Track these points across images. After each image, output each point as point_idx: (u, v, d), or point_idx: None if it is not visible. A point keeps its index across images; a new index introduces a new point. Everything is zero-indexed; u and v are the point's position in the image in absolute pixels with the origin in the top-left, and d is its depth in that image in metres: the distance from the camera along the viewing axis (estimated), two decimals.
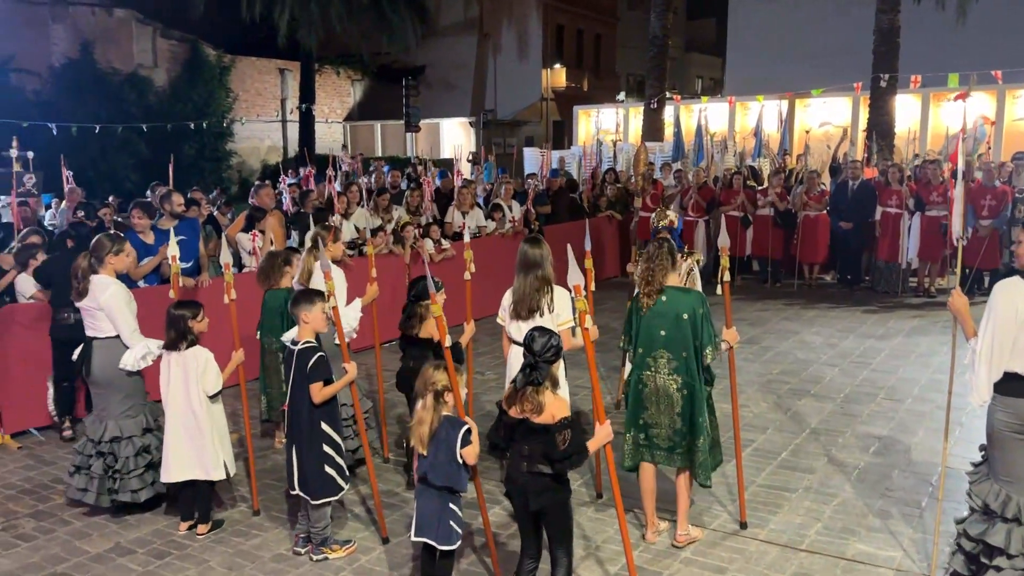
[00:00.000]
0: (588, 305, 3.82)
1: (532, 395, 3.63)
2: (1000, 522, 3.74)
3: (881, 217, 11.75)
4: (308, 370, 4.45)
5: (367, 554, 4.73)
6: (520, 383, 3.65)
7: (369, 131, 34.21)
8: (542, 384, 3.64)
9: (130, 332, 5.09)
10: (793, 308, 11.11)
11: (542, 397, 3.63)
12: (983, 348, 3.68)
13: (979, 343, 3.70)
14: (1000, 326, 3.63)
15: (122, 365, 5.04)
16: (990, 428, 3.82)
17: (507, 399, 3.75)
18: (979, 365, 3.70)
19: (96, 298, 5.07)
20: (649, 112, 20.06)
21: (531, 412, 3.62)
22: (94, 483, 5.10)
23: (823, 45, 21.14)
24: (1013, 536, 3.69)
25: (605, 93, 32.28)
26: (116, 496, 5.12)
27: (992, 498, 3.78)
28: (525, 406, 3.63)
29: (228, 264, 5.13)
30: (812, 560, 4.57)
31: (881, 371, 8.12)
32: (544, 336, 3.66)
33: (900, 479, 5.61)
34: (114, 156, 21.98)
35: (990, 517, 3.80)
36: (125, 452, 5.11)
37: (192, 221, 7.97)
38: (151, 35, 26.10)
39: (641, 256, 4.66)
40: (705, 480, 4.59)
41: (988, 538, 3.75)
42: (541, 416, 3.61)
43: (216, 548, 4.84)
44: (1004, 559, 3.71)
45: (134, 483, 5.13)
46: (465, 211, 10.90)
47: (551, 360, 3.66)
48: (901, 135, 15.96)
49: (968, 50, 17.89)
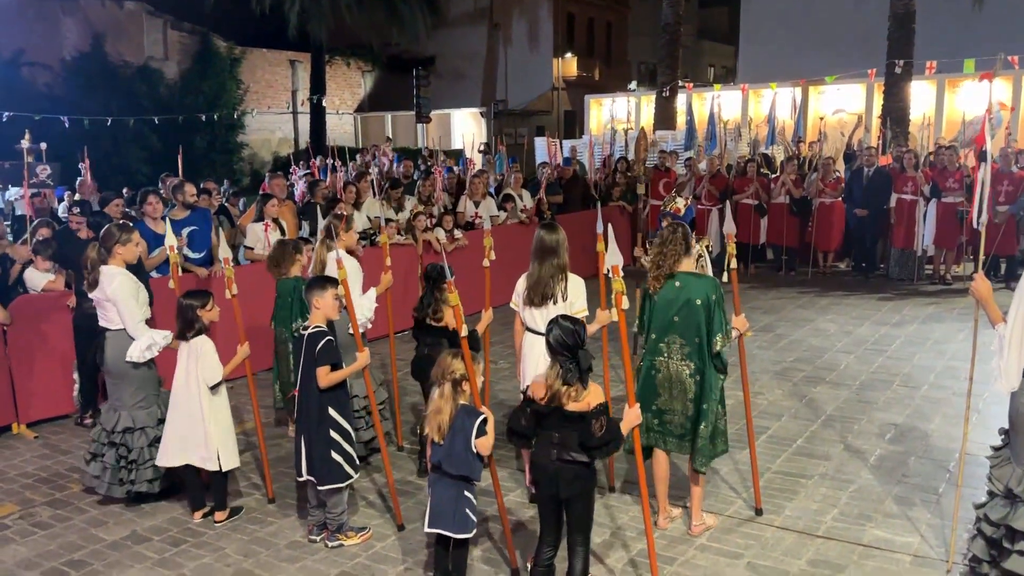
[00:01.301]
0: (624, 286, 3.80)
1: (575, 390, 3.57)
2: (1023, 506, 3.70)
3: (896, 204, 11.64)
4: (316, 354, 4.44)
5: (382, 541, 4.73)
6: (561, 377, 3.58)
7: (380, 122, 34.19)
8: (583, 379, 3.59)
9: (135, 323, 5.09)
10: (808, 296, 11.04)
11: (584, 389, 3.59)
12: (1014, 333, 3.61)
13: (1008, 328, 3.64)
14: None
15: (128, 356, 5.05)
16: (1014, 412, 3.77)
17: (535, 388, 3.71)
18: (1009, 351, 3.63)
19: (104, 289, 5.09)
20: (661, 100, 19.97)
21: (564, 401, 3.58)
22: (107, 473, 5.13)
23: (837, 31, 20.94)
24: None
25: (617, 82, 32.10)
26: (133, 487, 5.15)
27: (1015, 482, 3.74)
28: (560, 397, 3.58)
29: (227, 259, 5.14)
30: (828, 546, 4.54)
31: (897, 358, 8.06)
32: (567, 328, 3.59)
33: (917, 465, 5.56)
34: (126, 149, 22.06)
35: (1012, 501, 3.75)
36: (139, 443, 5.13)
37: (204, 211, 7.99)
38: (162, 27, 26.15)
39: (654, 240, 4.61)
40: (701, 466, 4.56)
41: (1013, 522, 3.71)
42: (577, 404, 3.59)
43: (232, 536, 4.86)
44: None
45: (149, 473, 5.16)
46: (477, 201, 10.89)
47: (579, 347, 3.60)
48: (916, 122, 15.81)
49: (984, 36, 17.66)
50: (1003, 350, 3.66)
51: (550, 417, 3.63)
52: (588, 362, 3.61)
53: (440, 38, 30.92)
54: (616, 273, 3.72)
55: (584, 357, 3.59)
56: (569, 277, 4.99)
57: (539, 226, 5.14)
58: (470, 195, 10.96)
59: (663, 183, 13.36)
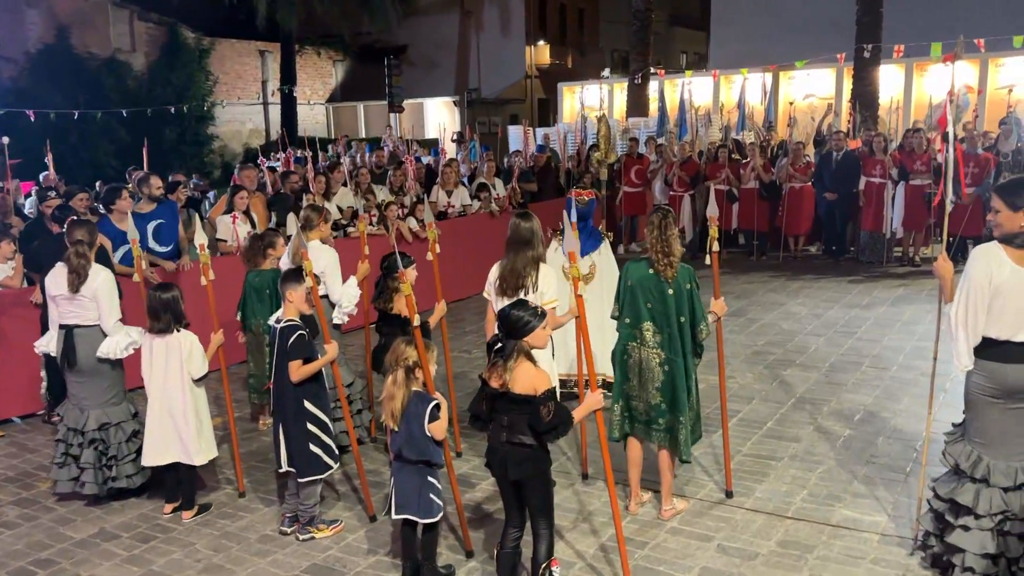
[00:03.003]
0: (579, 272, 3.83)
1: (501, 367, 3.62)
2: (969, 482, 3.78)
3: (865, 187, 11.75)
4: (288, 348, 4.42)
5: (354, 532, 4.72)
6: (494, 358, 3.67)
7: (352, 112, 33.92)
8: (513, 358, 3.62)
9: (114, 321, 5.05)
10: (779, 280, 11.13)
11: (510, 368, 3.61)
12: (959, 313, 3.68)
13: (954, 308, 3.70)
14: (975, 291, 3.63)
15: (103, 354, 4.98)
16: (966, 390, 3.86)
17: (488, 372, 3.74)
18: (957, 331, 3.70)
19: (89, 285, 5.01)
20: (633, 87, 19.97)
21: (501, 383, 3.61)
22: (89, 473, 5.05)
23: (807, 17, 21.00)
24: (981, 496, 3.72)
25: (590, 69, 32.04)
26: (114, 483, 5.09)
27: (964, 458, 3.82)
28: (498, 379, 3.63)
29: (203, 245, 5.08)
30: (798, 527, 4.59)
31: (866, 340, 8.15)
32: (517, 311, 3.65)
33: (885, 446, 5.64)
34: (94, 142, 21.71)
35: (960, 477, 3.83)
36: (117, 438, 5.09)
37: (171, 204, 7.89)
38: (128, 18, 25.70)
39: (648, 228, 4.56)
40: (687, 456, 4.59)
41: (956, 496, 3.79)
42: (521, 387, 3.60)
43: (202, 531, 4.82)
44: (971, 518, 3.74)
45: (129, 468, 5.12)
46: (450, 190, 10.85)
47: (521, 336, 3.64)
48: (885, 105, 15.94)
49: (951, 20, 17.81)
50: (951, 330, 3.72)
51: (500, 400, 3.67)
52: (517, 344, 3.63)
53: (412, 26, 30.67)
54: (573, 259, 3.73)
55: (510, 344, 3.62)
56: (541, 267, 4.99)
57: (514, 214, 5.13)
58: (442, 184, 10.92)
59: (635, 170, 13.39)
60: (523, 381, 3.61)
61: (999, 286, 3.58)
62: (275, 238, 6.25)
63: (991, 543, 3.69)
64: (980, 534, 3.71)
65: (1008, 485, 3.69)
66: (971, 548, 3.71)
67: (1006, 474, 3.70)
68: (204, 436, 4.95)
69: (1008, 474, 3.70)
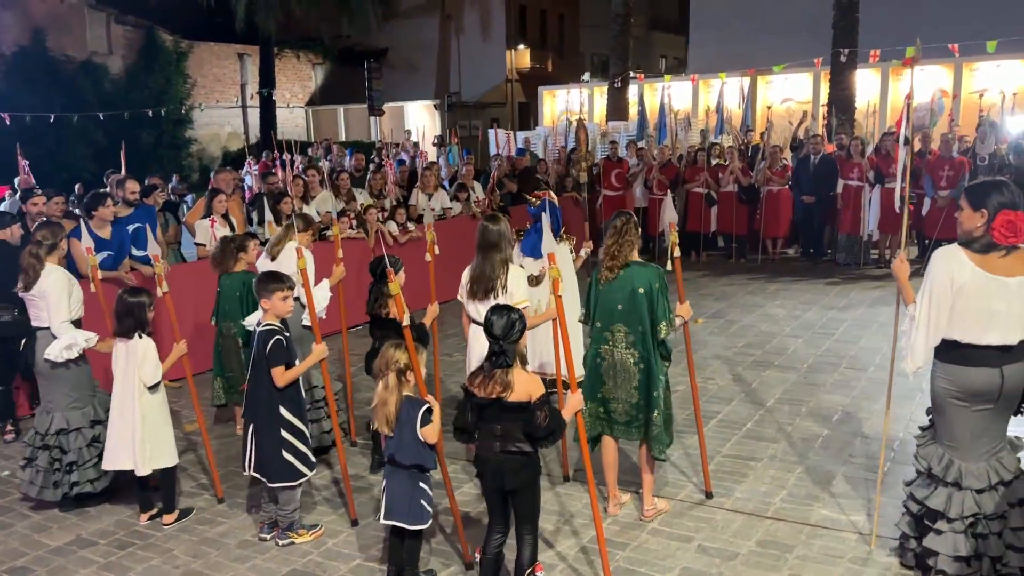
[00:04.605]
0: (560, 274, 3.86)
1: (501, 376, 3.59)
2: (941, 486, 3.81)
3: (842, 190, 11.87)
4: (267, 354, 4.38)
5: (334, 537, 4.70)
6: (487, 368, 3.63)
7: (332, 115, 33.80)
8: (511, 366, 3.62)
9: (60, 321, 4.99)
10: (757, 282, 11.21)
11: (511, 377, 3.60)
12: (921, 314, 3.71)
13: (917, 309, 3.74)
14: (937, 293, 3.66)
15: (46, 356, 4.94)
16: (933, 394, 3.89)
17: (473, 380, 3.72)
18: (917, 331, 3.73)
19: (40, 284, 5.00)
20: (613, 92, 20.04)
21: (501, 392, 3.59)
22: (39, 476, 5.01)
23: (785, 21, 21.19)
24: (953, 500, 3.75)
25: (570, 73, 32.16)
26: (73, 489, 5.03)
27: (936, 461, 3.85)
28: (495, 387, 3.59)
29: (157, 256, 5.09)
30: (777, 527, 4.62)
31: (844, 341, 8.23)
32: (503, 317, 3.61)
33: (862, 446, 5.69)
34: (70, 146, 21.48)
35: (933, 481, 3.86)
36: (76, 444, 5.03)
37: (149, 208, 7.83)
38: (105, 21, 25.46)
39: (607, 230, 4.60)
40: (659, 453, 4.61)
41: (928, 502, 3.83)
42: (516, 394, 3.59)
43: (180, 537, 4.78)
44: (944, 522, 3.77)
45: (91, 472, 5.06)
46: (430, 193, 10.84)
47: (516, 339, 3.63)
48: (861, 109, 16.11)
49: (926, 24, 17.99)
50: (911, 329, 3.76)
51: (490, 409, 3.64)
52: (514, 351, 3.63)
53: (392, 30, 30.63)
54: (552, 261, 3.75)
55: (511, 349, 3.61)
56: (510, 269, 5.00)
57: (483, 218, 5.17)
58: (422, 188, 10.91)
59: (615, 173, 13.45)
60: (519, 388, 3.60)
61: (961, 287, 3.61)
62: (247, 241, 6.21)
63: (964, 545, 3.72)
64: (953, 537, 3.74)
65: (981, 487, 3.72)
66: (944, 551, 3.75)
67: (978, 476, 3.74)
68: (153, 445, 4.80)
69: (980, 476, 3.74)
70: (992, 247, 3.60)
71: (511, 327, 3.59)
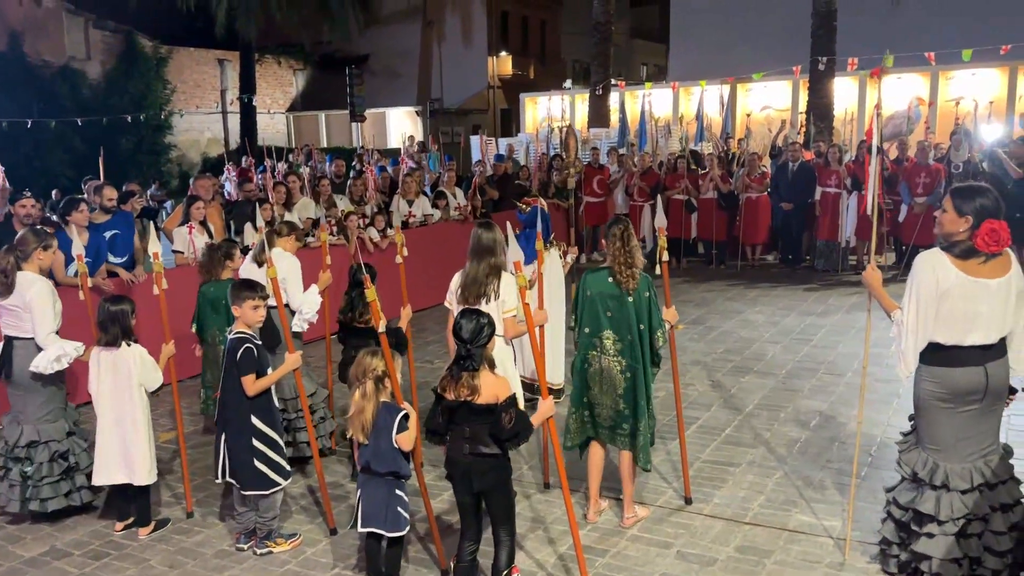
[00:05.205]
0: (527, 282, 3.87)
1: (468, 379, 3.61)
2: (929, 490, 3.83)
3: (820, 197, 11.99)
4: (237, 363, 4.35)
5: (313, 546, 4.67)
6: (455, 371, 3.65)
7: (313, 121, 33.70)
8: (477, 369, 3.63)
9: (47, 333, 4.89)
10: (737, 288, 11.28)
11: (478, 380, 3.62)
12: (909, 319, 3.75)
13: (904, 315, 3.77)
14: (923, 297, 3.70)
15: (33, 367, 4.85)
16: (916, 397, 3.92)
17: (443, 384, 3.73)
18: (906, 336, 3.77)
19: (22, 295, 4.89)
20: (595, 99, 20.13)
21: (468, 395, 3.61)
22: (15, 491, 4.93)
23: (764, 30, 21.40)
24: (942, 502, 3.78)
25: (551, 80, 32.26)
26: (28, 504, 4.94)
27: (920, 466, 3.88)
28: (461, 390, 3.62)
29: (157, 253, 5.00)
30: (756, 532, 4.64)
31: (822, 347, 8.29)
32: (472, 321, 3.64)
33: (839, 451, 5.73)
34: (48, 151, 21.30)
35: (919, 485, 3.89)
36: (40, 457, 4.94)
37: (126, 215, 7.77)
38: (83, 26, 25.28)
39: (609, 239, 4.58)
40: (645, 464, 4.62)
41: (918, 506, 3.84)
42: (483, 397, 3.60)
43: (157, 547, 4.73)
44: (935, 525, 3.79)
45: (45, 491, 4.94)
46: (411, 199, 10.83)
47: (484, 344, 3.65)
48: (839, 117, 16.28)
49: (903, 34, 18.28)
50: (901, 336, 3.80)
51: (459, 411, 3.66)
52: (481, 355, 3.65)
53: (373, 36, 30.61)
54: (518, 268, 3.76)
55: (478, 353, 3.63)
56: (503, 275, 5.00)
57: (476, 224, 5.14)
58: (403, 194, 10.90)
59: (596, 180, 13.50)
60: (486, 391, 3.62)
61: (946, 291, 3.66)
62: (233, 248, 6.17)
63: (956, 547, 3.75)
64: (945, 539, 3.76)
65: (965, 487, 3.76)
66: (937, 554, 3.76)
67: (962, 476, 3.77)
68: (152, 455, 4.81)
69: (964, 476, 3.77)
70: (973, 253, 3.65)
71: (479, 331, 3.62)
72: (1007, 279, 3.67)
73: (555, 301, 6.35)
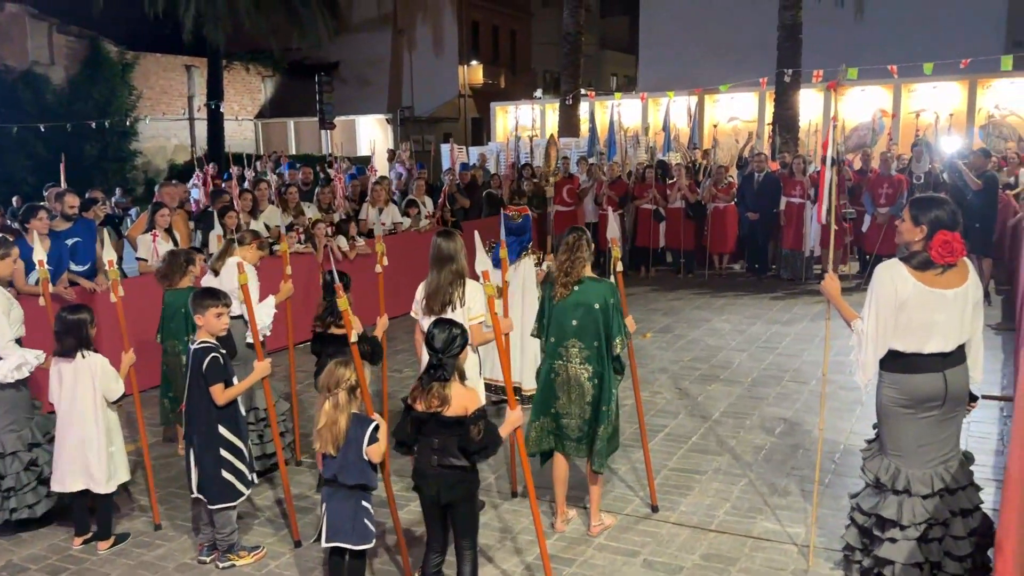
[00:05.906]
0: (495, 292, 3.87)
1: (439, 390, 3.60)
2: (891, 495, 3.89)
3: (785, 207, 12.15)
4: (204, 373, 4.30)
5: (277, 559, 4.61)
6: (425, 381, 3.63)
7: (282, 128, 33.45)
8: (448, 380, 3.62)
9: (5, 342, 4.81)
10: (704, 297, 11.38)
11: (448, 391, 3.61)
12: (868, 328, 3.82)
13: (864, 324, 3.84)
14: (882, 307, 3.78)
15: None
16: (879, 404, 3.98)
17: (413, 395, 3.72)
18: (866, 345, 3.84)
19: None
20: (565, 108, 20.21)
21: (438, 406, 3.59)
22: None
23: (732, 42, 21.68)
24: (904, 507, 3.84)
25: (522, 89, 32.39)
26: (12, 515, 4.85)
27: (883, 472, 3.93)
28: (432, 401, 3.61)
29: (112, 260, 4.92)
30: (721, 540, 4.67)
31: (787, 355, 8.39)
32: (444, 331, 3.63)
33: (804, 457, 5.79)
34: (9, 158, 20.90)
35: (882, 490, 3.94)
36: (13, 468, 4.84)
37: (88, 223, 7.64)
38: (47, 31, 24.85)
39: (560, 247, 4.63)
40: (599, 467, 4.63)
41: (881, 511, 3.89)
42: (453, 408, 3.59)
43: (116, 561, 4.65)
44: (897, 530, 3.85)
45: (29, 497, 4.88)
46: (380, 207, 10.79)
47: (456, 354, 3.64)
48: (804, 128, 16.52)
49: (867, 46, 18.64)
50: (861, 344, 3.86)
51: (428, 423, 3.63)
52: (453, 365, 3.65)
53: (343, 43, 30.46)
54: (486, 278, 3.77)
55: (449, 363, 3.63)
56: (467, 283, 4.99)
57: (436, 234, 5.14)
58: (372, 202, 10.86)
59: (566, 189, 13.54)
60: (456, 402, 3.61)
61: (905, 300, 3.74)
62: (193, 255, 6.10)
63: (918, 552, 3.80)
64: (907, 544, 3.81)
65: (927, 492, 3.82)
66: (899, 559, 3.81)
67: (923, 481, 3.83)
68: (115, 461, 4.75)
69: (925, 481, 3.83)
70: (929, 264, 3.74)
71: (452, 341, 3.61)
72: (964, 289, 3.75)
73: (528, 308, 6.36)
